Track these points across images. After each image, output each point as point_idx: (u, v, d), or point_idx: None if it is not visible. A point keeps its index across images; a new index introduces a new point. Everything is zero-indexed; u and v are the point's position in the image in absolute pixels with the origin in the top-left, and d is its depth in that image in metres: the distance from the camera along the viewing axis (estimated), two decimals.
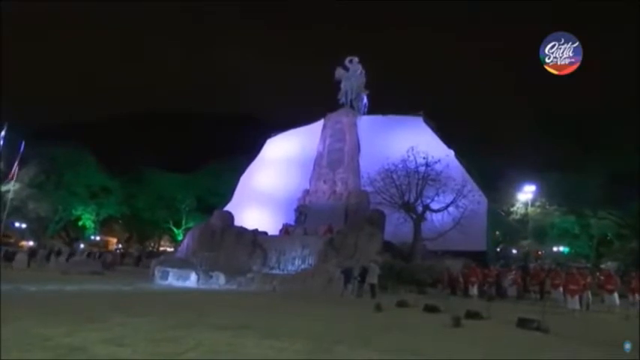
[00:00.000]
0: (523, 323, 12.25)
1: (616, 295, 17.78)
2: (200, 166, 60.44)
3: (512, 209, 45.42)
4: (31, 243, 52.18)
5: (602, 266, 39.73)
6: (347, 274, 21.32)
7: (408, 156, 27.79)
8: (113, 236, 72.36)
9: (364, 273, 20.67)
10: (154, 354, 7.79)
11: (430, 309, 15.11)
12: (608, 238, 44.50)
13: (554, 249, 47.82)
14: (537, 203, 44.01)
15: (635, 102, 43.56)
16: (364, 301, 18.28)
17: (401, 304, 16.65)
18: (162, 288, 22.29)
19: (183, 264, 26.75)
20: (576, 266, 26.18)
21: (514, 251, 49.29)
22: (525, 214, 44.06)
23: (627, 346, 8.87)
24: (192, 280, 24.43)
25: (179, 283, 24.39)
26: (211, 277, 24.52)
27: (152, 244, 67.40)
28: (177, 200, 55.81)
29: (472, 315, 13.68)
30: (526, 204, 43.72)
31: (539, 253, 47.42)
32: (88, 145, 55.63)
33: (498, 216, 43.34)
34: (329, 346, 8.93)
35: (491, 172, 44.76)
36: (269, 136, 43.78)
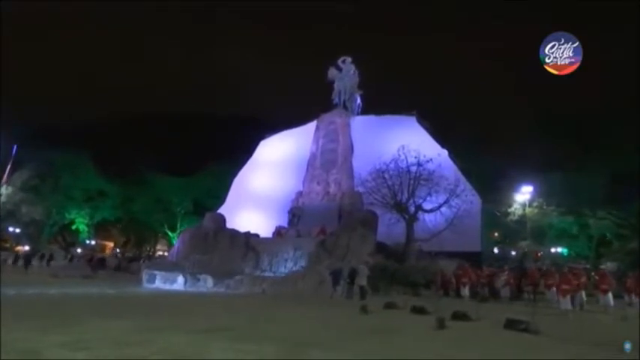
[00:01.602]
0: (511, 324, 11.83)
1: (610, 295, 17.29)
2: (199, 168, 59.89)
3: (509, 210, 45.02)
4: (27, 248, 51.85)
5: (602, 267, 39.19)
6: (336, 276, 20.90)
7: (399, 155, 27.36)
8: (111, 240, 71.97)
9: (353, 274, 20.22)
10: (113, 357, 7.49)
11: (417, 310, 14.68)
12: (608, 238, 43.95)
13: (553, 250, 47.31)
14: (535, 204, 43.62)
15: (635, 102, 43.31)
16: (353, 303, 17.83)
17: (389, 305, 16.22)
18: (148, 291, 21.87)
19: (172, 267, 26.33)
20: (569, 266, 25.64)
21: (513, 252, 48.79)
22: (523, 215, 43.68)
23: (627, 346, 8.73)
24: (179, 283, 23.96)
25: (166, 286, 23.93)
26: (199, 279, 24.05)
27: (149, 248, 66.96)
28: (173, 203, 55.38)
29: (459, 316, 13.27)
30: (524, 205, 43.36)
31: (539, 254, 46.86)
32: (86, 147, 55.34)
33: (495, 217, 42.93)
34: (300, 350, 8.62)
35: (490, 173, 44.47)
36: (260, 137, 43.38)
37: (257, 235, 32.68)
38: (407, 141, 28.41)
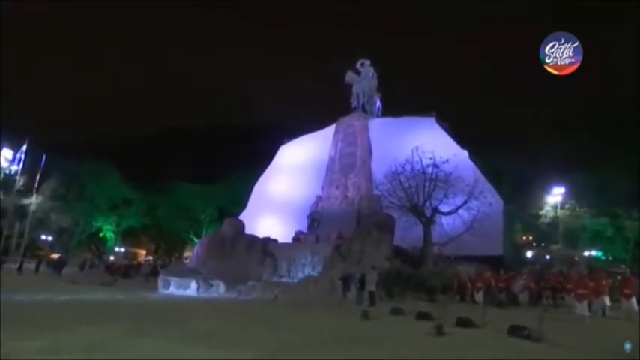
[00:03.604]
0: (514, 331, 11.18)
1: (633, 300, 16.14)
2: (221, 176, 60.54)
3: (540, 212, 43.46)
4: (59, 255, 53.42)
5: None
6: (346, 281, 20.42)
7: (413, 157, 26.61)
8: (141, 248, 73.32)
9: (363, 279, 19.71)
10: None
11: (422, 316, 14.10)
12: None
13: (587, 253, 45.27)
14: (567, 206, 41.96)
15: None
16: (361, 308, 17.32)
17: (395, 311, 15.68)
18: (158, 297, 21.93)
19: (187, 273, 26.34)
20: (590, 268, 24.20)
21: (547, 256, 46.94)
22: (555, 217, 42.07)
23: (627, 346, 8.63)
24: (192, 289, 23.93)
25: (179, 292, 23.94)
26: (211, 285, 23.99)
27: (177, 255, 68.02)
28: (197, 211, 56.06)
29: (463, 322, 12.63)
30: (555, 207, 41.78)
31: (576, 258, 44.95)
32: (110, 157, 56.72)
33: (522, 219, 41.50)
34: (280, 357, 8.48)
35: (520, 175, 43.22)
36: (282, 143, 43.26)
37: (275, 241, 32.46)
38: (425, 142, 27.60)
